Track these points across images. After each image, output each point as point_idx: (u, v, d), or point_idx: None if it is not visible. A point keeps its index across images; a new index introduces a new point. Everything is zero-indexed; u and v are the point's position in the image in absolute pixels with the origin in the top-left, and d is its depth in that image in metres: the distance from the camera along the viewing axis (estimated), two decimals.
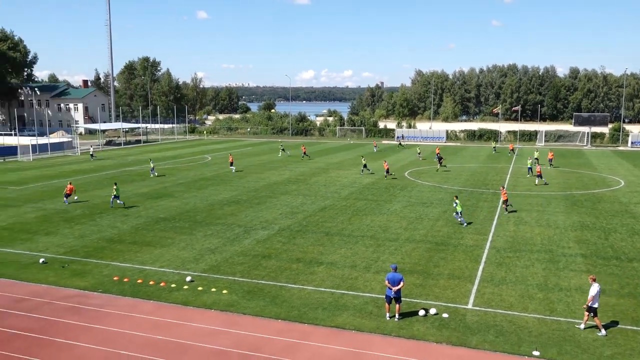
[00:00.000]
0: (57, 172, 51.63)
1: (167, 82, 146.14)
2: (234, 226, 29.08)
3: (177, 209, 33.73)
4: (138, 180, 46.01)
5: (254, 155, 66.43)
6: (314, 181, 44.88)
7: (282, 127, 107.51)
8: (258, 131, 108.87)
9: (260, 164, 56.82)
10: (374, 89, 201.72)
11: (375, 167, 53.10)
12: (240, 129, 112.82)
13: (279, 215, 31.62)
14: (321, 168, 53.67)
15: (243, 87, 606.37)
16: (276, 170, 51.80)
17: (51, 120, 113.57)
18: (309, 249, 24.64)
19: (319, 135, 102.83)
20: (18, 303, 18.49)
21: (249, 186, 42.39)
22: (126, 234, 27.63)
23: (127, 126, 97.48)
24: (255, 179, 46.00)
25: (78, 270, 21.84)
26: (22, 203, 35.88)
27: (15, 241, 26.28)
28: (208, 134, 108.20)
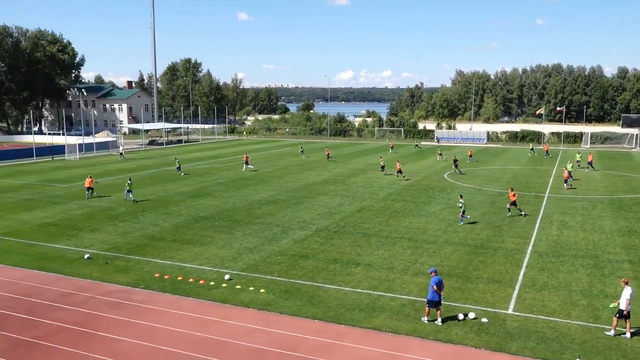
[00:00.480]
0: (102, 170, 53.15)
1: (208, 83, 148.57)
2: (272, 226, 29.31)
3: (216, 208, 34.24)
4: (179, 179, 46.92)
5: (293, 155, 66.78)
6: (352, 182, 44.81)
7: (320, 128, 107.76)
8: (297, 132, 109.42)
9: (298, 165, 57.08)
10: (414, 90, 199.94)
11: (409, 169, 52.65)
12: (279, 130, 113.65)
13: (317, 216, 31.68)
14: (359, 169, 53.52)
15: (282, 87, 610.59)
16: (314, 171, 51.93)
17: (97, 120, 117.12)
18: (347, 250, 24.61)
19: (357, 136, 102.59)
20: (64, 297, 19.13)
21: (287, 186, 42.65)
22: (167, 231, 28.21)
23: (169, 126, 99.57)
24: (294, 180, 46.24)
25: (121, 267, 22.44)
26: (69, 200, 37.10)
27: (62, 237, 27.20)
28: (247, 134, 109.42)
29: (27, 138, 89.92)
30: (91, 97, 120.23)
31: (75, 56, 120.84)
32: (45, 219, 31.20)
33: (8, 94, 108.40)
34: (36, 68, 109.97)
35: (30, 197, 38.32)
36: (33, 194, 39.88)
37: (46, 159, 65.40)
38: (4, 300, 18.90)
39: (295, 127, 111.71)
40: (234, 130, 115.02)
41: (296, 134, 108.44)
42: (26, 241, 26.44)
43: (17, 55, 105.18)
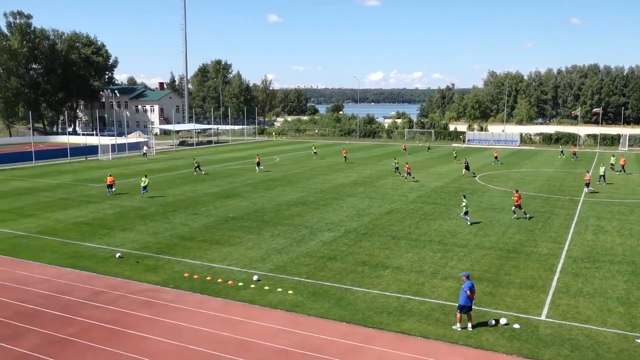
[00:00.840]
0: (134, 171, 54.14)
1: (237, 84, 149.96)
2: (300, 227, 29.39)
3: (245, 208, 34.51)
4: (208, 180, 47.46)
5: (321, 157, 66.82)
6: (380, 184, 44.61)
7: (349, 129, 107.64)
8: (326, 133, 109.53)
9: (327, 166, 57.11)
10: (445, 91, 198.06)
11: (438, 172, 52.14)
12: (308, 131, 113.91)
13: (345, 218, 31.64)
14: (389, 171, 53.25)
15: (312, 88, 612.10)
16: (343, 172, 51.88)
17: (129, 121, 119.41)
18: (375, 252, 24.50)
19: (387, 138, 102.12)
20: (96, 295, 19.53)
21: (315, 188, 42.71)
22: (197, 232, 28.56)
23: (199, 127, 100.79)
24: (322, 181, 46.29)
25: (151, 266, 22.80)
26: (102, 200, 37.90)
27: (95, 236, 27.80)
28: (277, 135, 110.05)
29: (62, 138, 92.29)
30: (124, 98, 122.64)
31: (108, 58, 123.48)
32: (79, 218, 31.94)
33: (44, 95, 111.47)
34: (71, 70, 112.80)
35: (65, 197, 39.29)
36: (68, 193, 40.87)
37: (80, 159, 66.96)
38: (38, 297, 19.40)
39: (324, 129, 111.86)
40: (264, 131, 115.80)
41: (325, 135, 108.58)
42: (61, 239, 27.11)
43: (53, 57, 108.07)
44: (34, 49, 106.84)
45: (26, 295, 19.52)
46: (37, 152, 64.21)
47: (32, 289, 20.22)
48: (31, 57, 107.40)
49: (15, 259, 24.00)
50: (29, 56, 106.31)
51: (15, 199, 38.60)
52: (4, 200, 37.91)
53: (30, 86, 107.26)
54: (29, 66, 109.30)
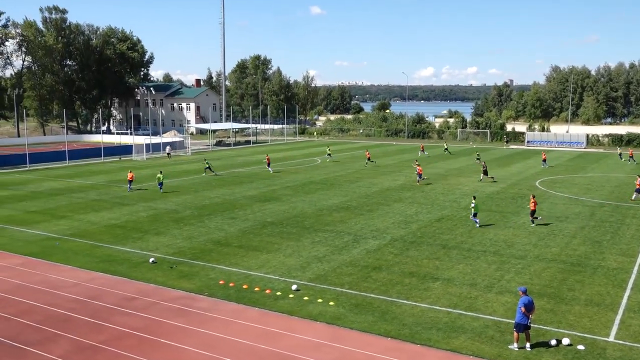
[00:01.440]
0: (169, 172, 55.30)
1: (277, 80, 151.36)
2: (343, 234, 29.36)
3: (284, 213, 34.73)
4: (246, 182, 48.01)
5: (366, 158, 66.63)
6: (430, 188, 44.14)
7: (397, 129, 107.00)
8: (371, 133, 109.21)
9: (372, 169, 56.91)
10: (502, 88, 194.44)
11: (495, 175, 51.19)
12: (353, 131, 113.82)
13: (392, 224, 31.44)
14: (439, 174, 52.64)
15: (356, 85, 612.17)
16: (389, 176, 51.59)
17: (164, 119, 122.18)
18: (424, 263, 24.24)
19: (437, 138, 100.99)
20: (129, 301, 20.01)
21: (359, 192, 42.61)
22: (233, 237, 28.91)
23: (237, 126, 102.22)
24: (367, 185, 46.14)
25: (185, 272, 23.20)
26: (136, 202, 38.87)
27: (128, 239, 28.52)
28: (318, 135, 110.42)
29: (95, 137, 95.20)
30: (159, 95, 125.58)
31: (144, 54, 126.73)
32: (112, 220, 32.84)
33: (78, 92, 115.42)
34: (106, 66, 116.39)
35: (98, 198, 40.50)
36: (101, 194, 42.12)
37: (114, 159, 68.92)
38: (69, 302, 20.03)
39: (369, 128, 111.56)
40: (304, 131, 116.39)
41: (371, 135, 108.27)
42: (93, 242, 27.93)
43: (87, 53, 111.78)
44: (69, 45, 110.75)
45: (57, 300, 20.17)
46: (70, 152, 66.42)
47: (63, 293, 20.89)
48: (66, 53, 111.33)
49: (46, 262, 24.87)
50: (64, 52, 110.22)
51: (48, 199, 40.03)
52: (37, 201, 39.37)
53: (65, 83, 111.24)
54: (63, 63, 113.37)
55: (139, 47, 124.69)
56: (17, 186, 46.55)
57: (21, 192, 43.33)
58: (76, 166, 61.54)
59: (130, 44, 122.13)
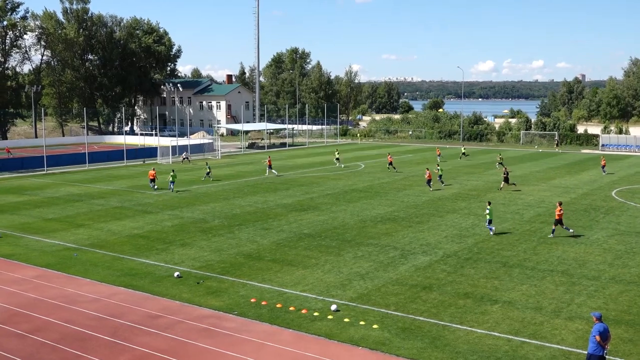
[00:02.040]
0: (196, 177, 56.09)
1: (317, 76, 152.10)
2: (388, 248, 29.22)
3: (323, 224, 34.78)
4: (282, 189, 48.31)
5: (416, 163, 66.27)
6: (489, 198, 43.54)
7: (451, 131, 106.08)
8: (422, 135, 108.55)
9: (421, 175, 56.49)
10: (572, 84, 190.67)
11: (565, 184, 50.08)
12: (401, 132, 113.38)
13: (444, 238, 31.15)
14: (499, 182, 51.87)
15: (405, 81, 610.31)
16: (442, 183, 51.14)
17: (192, 119, 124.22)
18: (481, 282, 23.90)
19: (497, 141, 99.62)
20: (152, 319, 20.33)
21: (408, 201, 42.36)
22: (266, 250, 29.09)
23: (271, 127, 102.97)
24: (417, 193, 45.84)
25: (213, 288, 23.45)
26: (160, 210, 39.56)
27: (152, 251, 29.01)
28: (362, 137, 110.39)
29: (118, 139, 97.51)
30: (187, 93, 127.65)
31: (171, 47, 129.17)
32: (135, 230, 33.49)
33: (100, 89, 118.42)
34: (130, 61, 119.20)
35: (119, 205, 41.38)
36: (122, 201, 43.02)
37: (137, 162, 70.36)
38: (88, 319, 20.47)
39: (419, 130, 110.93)
40: (347, 132, 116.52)
41: (421, 137, 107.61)
42: (114, 254, 28.53)
43: (110, 47, 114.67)
44: (91, 38, 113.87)
45: (75, 316, 20.65)
46: (90, 154, 68.13)
47: (81, 309, 21.38)
48: (87, 47, 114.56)
49: (64, 274, 25.51)
50: (85, 46, 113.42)
51: (66, 206, 41.10)
52: (54, 208, 40.49)
53: (86, 79, 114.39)
54: (84, 57, 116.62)
55: (166, 40, 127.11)
56: (33, 191, 47.98)
57: (38, 198, 44.63)
58: (97, 170, 63.08)
59: (156, 36, 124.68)
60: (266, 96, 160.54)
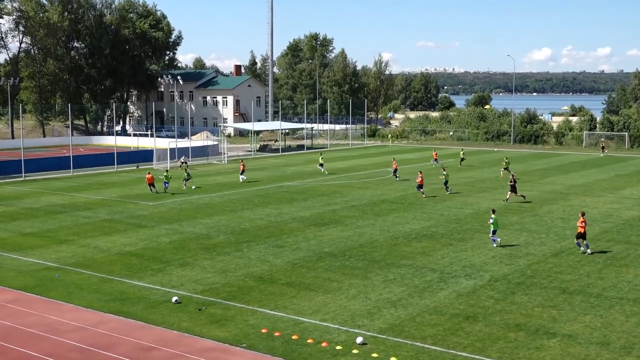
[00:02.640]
0: (199, 184, 56.34)
1: (341, 67, 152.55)
2: (425, 270, 29.09)
3: (347, 241, 34.74)
4: (299, 199, 48.37)
5: (458, 170, 65.98)
6: (545, 211, 43.24)
7: (499, 131, 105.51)
8: (465, 136, 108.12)
9: (466, 183, 56.23)
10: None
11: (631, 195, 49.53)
12: (440, 133, 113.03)
13: (491, 259, 30.97)
14: (557, 192, 51.48)
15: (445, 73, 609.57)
16: (489, 193, 50.87)
17: (194, 117, 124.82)
18: (535, 312, 23.70)
19: (555, 144, 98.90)
20: (144, 352, 20.41)
21: (448, 214, 42.17)
22: (280, 271, 29.10)
23: (287, 126, 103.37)
24: (458, 205, 45.63)
25: (217, 316, 23.50)
26: (156, 223, 39.81)
27: (146, 272, 29.17)
28: (394, 138, 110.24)
29: (107, 140, 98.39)
30: (188, 86, 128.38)
31: (170, 34, 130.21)
32: (126, 247, 33.71)
33: (87, 82, 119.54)
34: (122, 49, 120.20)
35: (109, 217, 41.72)
36: (112, 213, 43.37)
37: (130, 167, 70.88)
38: (72, 351, 20.60)
39: (462, 130, 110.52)
40: (376, 132, 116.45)
41: (464, 139, 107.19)
42: (102, 275, 28.73)
43: (100, 33, 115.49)
44: (77, 23, 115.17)
45: (56, 348, 20.78)
46: (76, 158, 68.78)
47: (63, 339, 21.51)
48: (73, 33, 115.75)
49: (44, 299, 25.72)
50: (70, 32, 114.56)
51: (47, 219, 41.53)
52: (33, 221, 40.94)
53: (71, 71, 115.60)
54: (69, 45, 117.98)
55: (164, 24, 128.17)
56: (9, 201, 48.58)
57: (14, 209, 45.15)
58: (83, 176, 63.68)
59: (152, 20, 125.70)
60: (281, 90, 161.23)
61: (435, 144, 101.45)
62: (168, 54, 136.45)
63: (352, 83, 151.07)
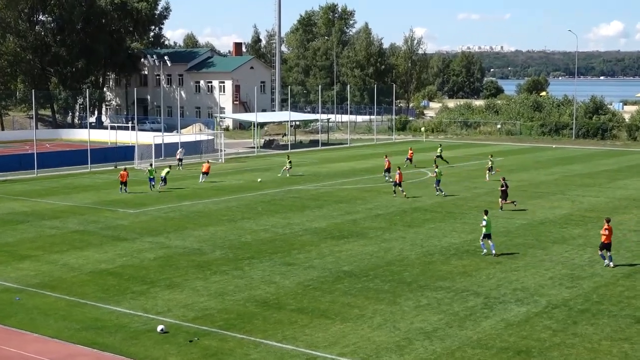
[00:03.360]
0: (190, 189, 56.41)
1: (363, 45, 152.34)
2: (466, 294, 28.99)
3: (371, 258, 34.69)
4: (312, 206, 48.36)
5: (509, 171, 65.72)
6: (615, 222, 42.71)
7: (558, 124, 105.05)
8: (516, 129, 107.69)
9: (517, 188, 55.98)
10: None
11: None
12: (485, 126, 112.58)
13: (548, 281, 30.85)
14: (630, 198, 51.25)
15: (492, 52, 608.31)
16: (545, 199, 50.70)
17: (185, 106, 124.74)
18: (603, 346, 23.59)
19: (627, 139, 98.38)
20: None
21: (495, 225, 41.89)
22: (289, 294, 29.04)
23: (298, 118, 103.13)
24: (508, 214, 45.46)
25: (212, 349, 23.50)
26: (138, 235, 39.89)
27: (125, 294, 29.19)
28: (428, 132, 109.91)
29: (79, 134, 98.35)
30: (178, 69, 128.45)
31: (156, 4, 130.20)
32: (102, 264, 33.77)
33: (55, 64, 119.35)
34: (98, 24, 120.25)
35: (81, 229, 41.84)
36: (85, 223, 43.50)
37: (107, 166, 70.91)
38: None
39: (512, 122, 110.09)
40: (406, 125, 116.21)
41: (514, 133, 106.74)
42: (72, 298, 28.74)
43: (71, 4, 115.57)
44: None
45: None
46: (41, 156, 68.83)
47: None
48: (38, 4, 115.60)
49: (1, 327, 25.72)
50: (35, 2, 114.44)
51: (5, 230, 41.71)
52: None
53: (35, 50, 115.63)
54: (34, 18, 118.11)
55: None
56: None
57: None
58: (49, 178, 63.88)
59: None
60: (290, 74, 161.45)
61: (480, 140, 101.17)
62: (153, 29, 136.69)
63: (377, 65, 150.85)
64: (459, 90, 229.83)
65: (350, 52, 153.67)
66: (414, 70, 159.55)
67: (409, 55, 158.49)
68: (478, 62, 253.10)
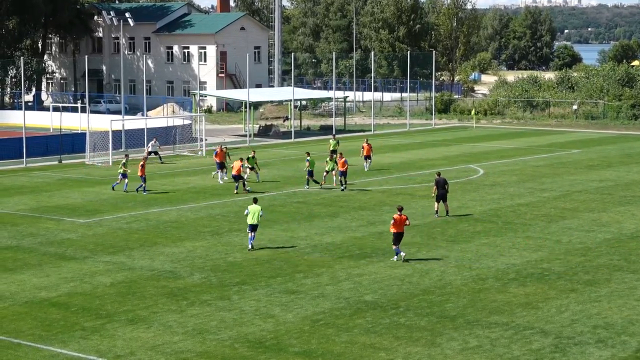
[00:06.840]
0: (162, 191, 56.51)
1: None
2: (530, 333, 28.99)
3: (402, 283, 34.77)
4: (323, 215, 48.49)
5: (588, 168, 65.74)
6: None
7: None
8: (598, 111, 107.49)
9: (597, 190, 56.01)
10: None
11: None
12: (557, 106, 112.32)
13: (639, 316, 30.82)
14: None
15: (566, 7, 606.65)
16: (637, 206, 50.62)
17: (153, 80, 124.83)
18: None
19: None
20: None
21: (569, 241, 42.04)
22: (292, 332, 29.09)
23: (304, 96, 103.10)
24: (586, 225, 45.46)
25: None
26: (90, 253, 39.98)
27: (74, 332, 29.23)
28: (480, 115, 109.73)
29: (11, 116, 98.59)
30: (143, 30, 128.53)
31: None
32: (42, 292, 33.84)
33: None
34: None
35: (13, 244, 41.95)
36: (19, 236, 43.64)
37: (49, 161, 71.13)
38: None
39: (593, 102, 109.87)
40: (450, 106, 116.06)
41: (596, 116, 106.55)
42: (1, 337, 28.84)
43: None
44: None
45: None
46: None
47: None
48: None
49: None
50: None
51: None
52: None
53: None
54: None
55: None
56: None
57: None
58: None
59: None
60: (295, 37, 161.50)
61: (549, 126, 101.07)
62: None
63: (410, 24, 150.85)
64: (521, 58, 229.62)
65: (375, 6, 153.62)
66: (460, 32, 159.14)
67: (454, 11, 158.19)
68: (547, 21, 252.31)
